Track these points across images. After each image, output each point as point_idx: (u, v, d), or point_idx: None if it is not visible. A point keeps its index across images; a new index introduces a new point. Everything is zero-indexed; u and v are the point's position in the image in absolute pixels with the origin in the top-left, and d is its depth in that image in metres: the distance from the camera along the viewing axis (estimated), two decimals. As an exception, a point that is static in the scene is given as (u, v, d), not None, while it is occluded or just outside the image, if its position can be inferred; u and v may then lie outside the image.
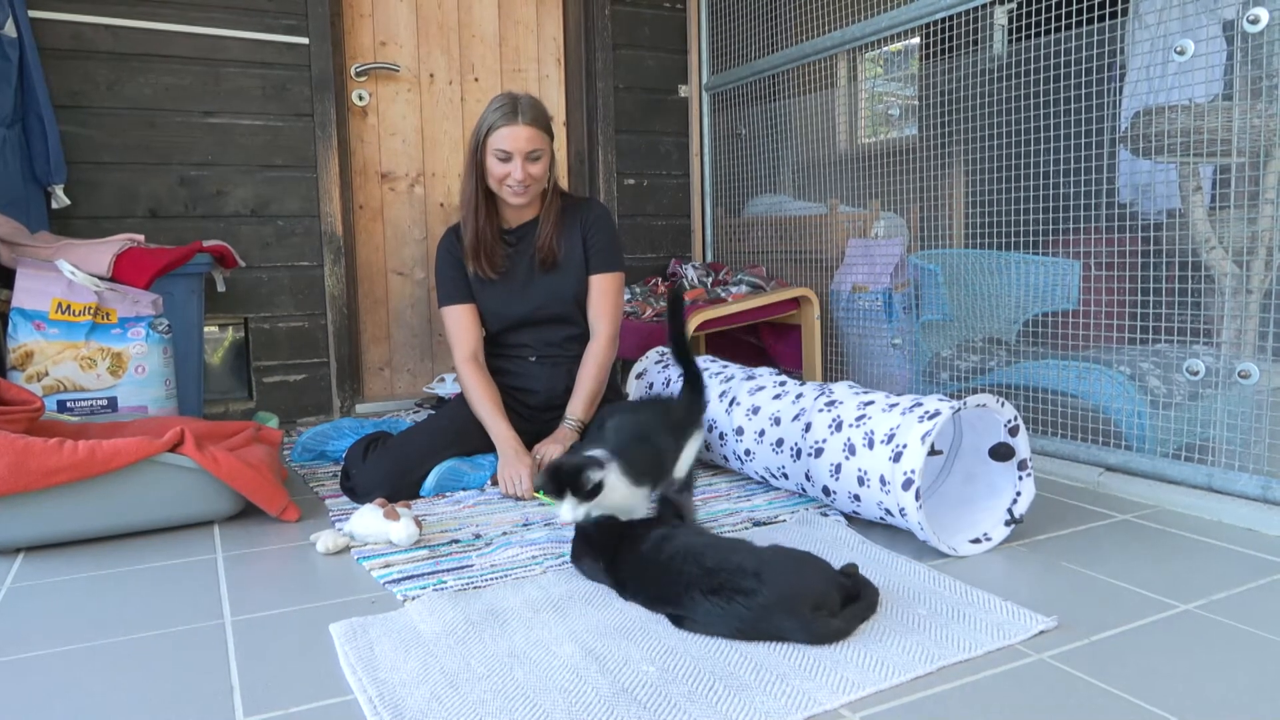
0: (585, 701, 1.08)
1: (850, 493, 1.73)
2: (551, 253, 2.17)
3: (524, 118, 2.03)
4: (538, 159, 2.07)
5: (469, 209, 2.14)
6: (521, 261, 2.20)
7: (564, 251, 2.19)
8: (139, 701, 1.12)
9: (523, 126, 2.03)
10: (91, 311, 2.18)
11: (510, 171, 2.05)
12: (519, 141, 2.03)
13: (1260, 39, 1.83)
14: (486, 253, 2.16)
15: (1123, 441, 2.10)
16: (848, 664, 1.17)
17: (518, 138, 2.02)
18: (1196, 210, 2.02)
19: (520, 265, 2.20)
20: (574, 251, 2.20)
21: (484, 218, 2.15)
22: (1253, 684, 1.12)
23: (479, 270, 2.17)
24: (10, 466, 1.60)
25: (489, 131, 2.05)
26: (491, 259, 2.17)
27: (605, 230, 2.22)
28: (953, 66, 2.51)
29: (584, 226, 2.20)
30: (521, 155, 2.04)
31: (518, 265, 2.20)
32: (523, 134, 2.03)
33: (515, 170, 2.04)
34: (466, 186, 2.14)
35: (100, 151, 2.73)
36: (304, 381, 3.05)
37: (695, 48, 3.60)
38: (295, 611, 1.39)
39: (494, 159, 2.06)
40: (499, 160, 2.05)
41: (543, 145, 2.07)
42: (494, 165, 2.06)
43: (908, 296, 2.72)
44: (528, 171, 2.05)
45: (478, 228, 2.15)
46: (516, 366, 2.25)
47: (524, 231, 2.21)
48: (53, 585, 1.53)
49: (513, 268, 2.20)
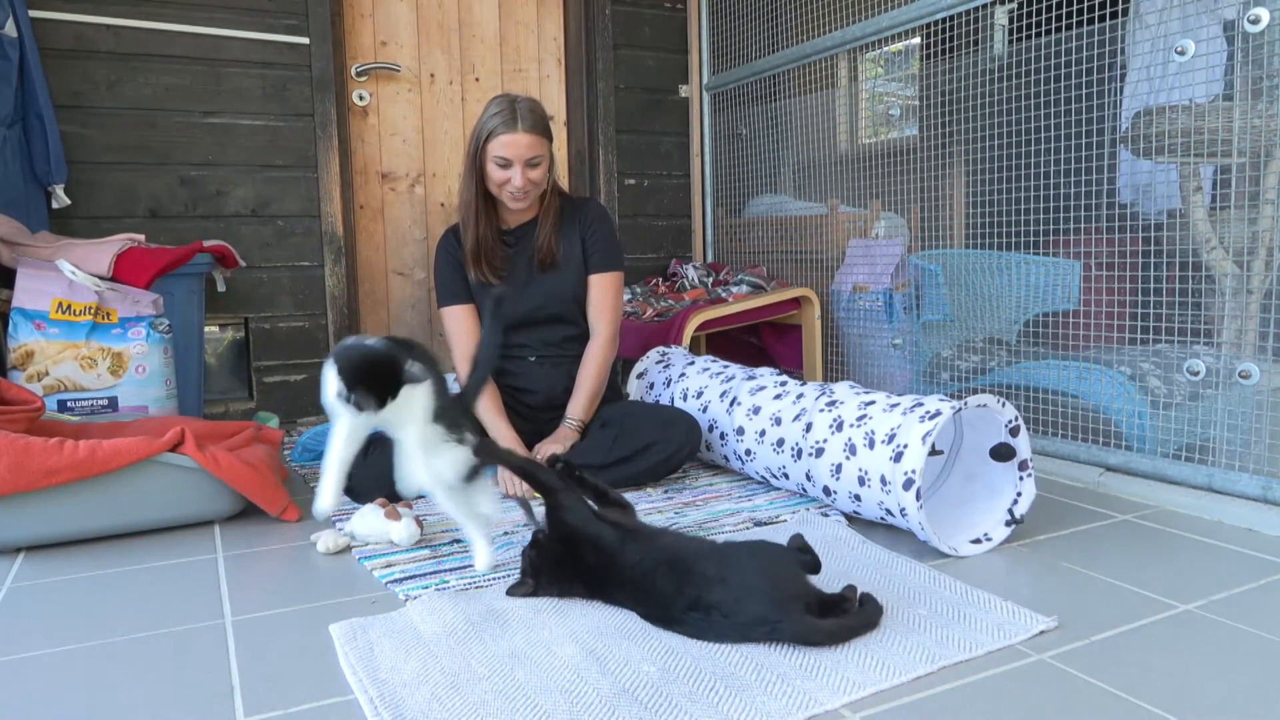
0: (586, 702, 1.08)
1: (851, 493, 1.73)
2: (550, 253, 2.17)
3: (523, 124, 2.01)
4: (537, 165, 2.06)
5: (468, 213, 2.13)
6: (520, 262, 2.20)
7: (563, 251, 2.19)
8: (139, 701, 1.12)
9: (523, 134, 2.01)
10: (92, 311, 2.18)
11: (510, 178, 2.04)
12: (519, 149, 2.01)
13: (1261, 39, 1.83)
14: (487, 257, 2.15)
15: (1123, 442, 2.10)
16: (849, 664, 1.17)
17: (518, 145, 2.01)
18: (1197, 210, 2.02)
19: (519, 265, 2.20)
20: (573, 251, 2.20)
21: (484, 222, 2.14)
22: (1253, 684, 1.12)
23: (480, 276, 2.16)
24: (11, 466, 1.60)
25: (488, 137, 2.03)
26: (492, 264, 2.16)
27: (604, 230, 2.21)
28: (953, 66, 2.51)
29: (583, 226, 2.20)
30: (521, 162, 2.02)
31: (516, 265, 2.19)
32: (523, 141, 2.01)
33: (515, 177, 2.03)
34: (465, 190, 2.12)
35: (100, 151, 2.73)
36: (304, 382, 3.05)
37: (696, 47, 3.60)
38: (295, 611, 1.39)
39: (493, 165, 2.05)
40: (498, 167, 2.04)
41: (542, 151, 2.05)
42: (494, 171, 2.05)
43: (908, 296, 2.72)
44: (528, 178, 2.04)
45: (478, 233, 2.14)
46: (516, 367, 2.25)
47: (523, 232, 2.20)
48: (53, 585, 1.53)
49: (512, 268, 2.19)
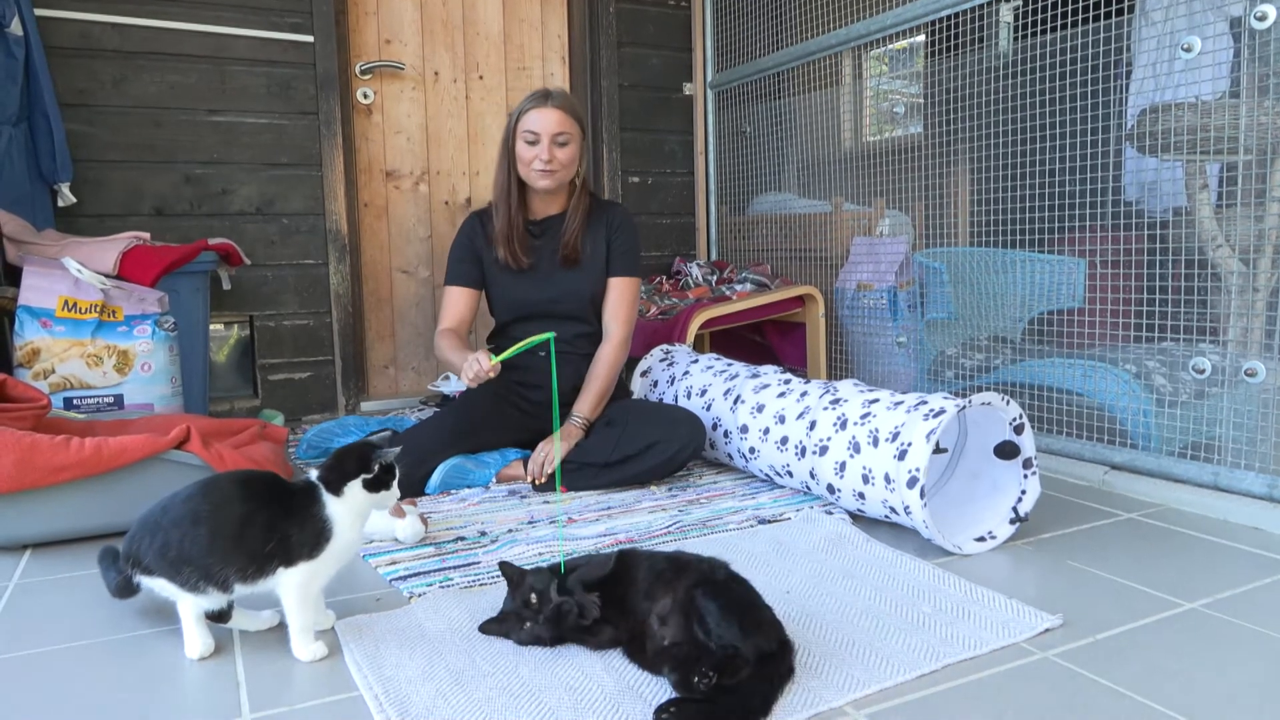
0: (590, 699, 1.08)
1: (855, 490, 1.73)
2: (575, 250, 2.20)
3: (554, 102, 2.08)
4: (565, 144, 2.10)
5: (501, 196, 2.18)
6: (544, 254, 2.22)
7: (588, 250, 2.22)
8: (146, 697, 1.12)
9: (551, 109, 2.07)
10: (98, 309, 2.18)
11: (537, 154, 2.08)
12: (547, 123, 2.06)
13: (1267, 36, 1.82)
14: (519, 240, 2.19)
15: (1128, 440, 2.10)
16: (854, 662, 1.17)
17: (546, 119, 2.06)
18: (1203, 208, 2.02)
19: (543, 258, 2.22)
20: (597, 251, 2.22)
21: (515, 206, 2.18)
22: (1259, 682, 1.12)
23: (508, 256, 2.19)
24: (17, 463, 1.61)
25: (520, 116, 2.10)
26: (522, 246, 2.19)
27: (629, 235, 2.25)
28: (958, 64, 2.50)
29: (610, 229, 2.23)
30: (549, 136, 2.07)
31: (540, 258, 2.22)
32: (552, 116, 2.06)
33: (541, 151, 2.07)
34: (499, 175, 2.18)
35: (106, 149, 2.74)
36: (309, 379, 3.05)
37: (700, 45, 3.60)
38: (301, 608, 1.39)
39: (523, 143, 2.10)
40: (527, 144, 2.09)
41: (571, 130, 2.10)
42: (523, 149, 2.10)
43: (912, 295, 2.71)
44: (554, 154, 2.08)
45: (510, 215, 2.17)
46: (525, 360, 2.25)
47: (549, 225, 2.23)
48: (59, 582, 1.53)
49: (536, 260, 2.22)
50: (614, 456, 2.04)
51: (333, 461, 1.23)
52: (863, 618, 1.31)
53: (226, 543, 1.16)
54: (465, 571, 1.53)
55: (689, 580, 1.17)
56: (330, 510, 1.20)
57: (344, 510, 1.21)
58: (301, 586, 1.19)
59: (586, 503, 1.96)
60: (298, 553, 1.18)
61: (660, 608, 1.17)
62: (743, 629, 1.09)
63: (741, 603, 1.14)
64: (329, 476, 1.21)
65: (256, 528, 1.17)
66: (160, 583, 1.20)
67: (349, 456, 1.23)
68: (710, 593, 1.13)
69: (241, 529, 1.17)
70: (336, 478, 1.21)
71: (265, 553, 1.17)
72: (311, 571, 1.20)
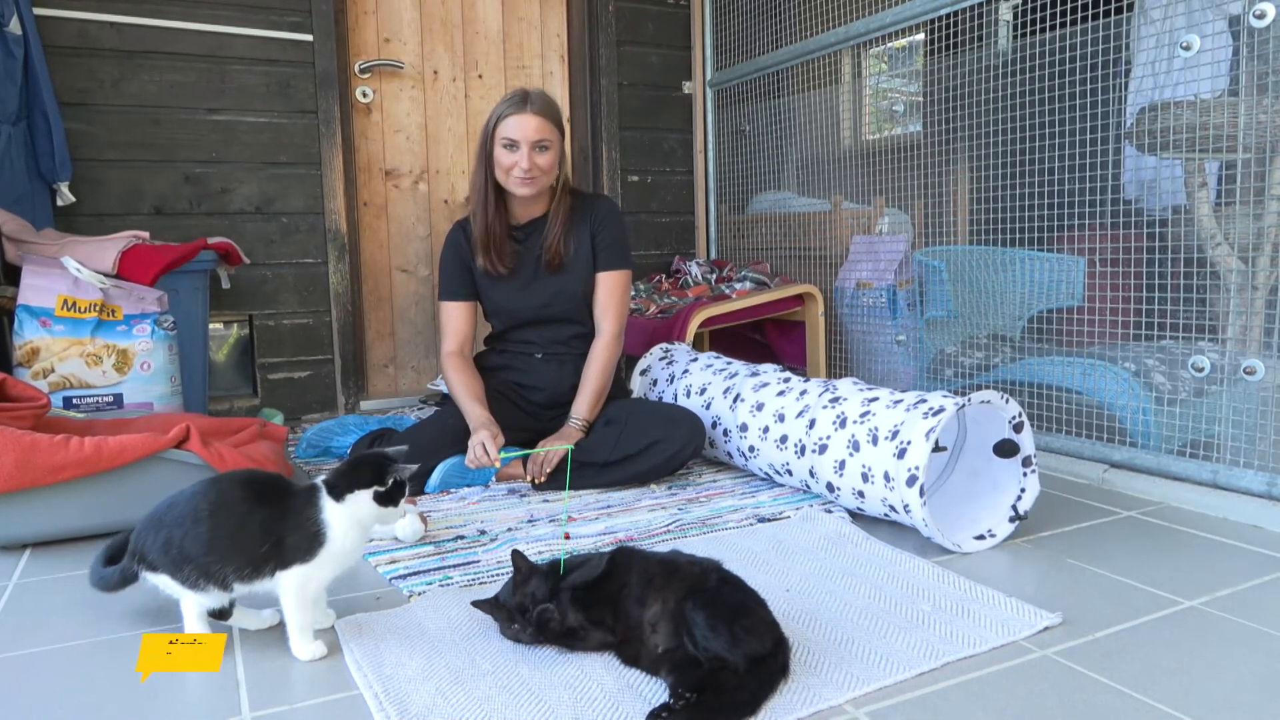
0: (590, 697, 1.08)
1: (854, 489, 1.73)
2: (558, 255, 2.15)
3: (533, 107, 2.03)
4: (545, 150, 2.06)
5: (478, 202, 2.13)
6: (528, 259, 2.19)
7: (572, 251, 2.18)
8: (145, 696, 1.12)
9: (531, 115, 2.02)
10: (97, 308, 2.18)
11: (516, 161, 2.04)
12: (526, 129, 2.02)
13: (1266, 34, 1.82)
14: (496, 247, 2.15)
15: (1127, 438, 2.10)
16: (854, 660, 1.17)
17: (525, 125, 2.02)
18: (1202, 206, 2.02)
19: (527, 263, 2.19)
20: (582, 249, 2.19)
21: (493, 212, 2.13)
22: (1258, 680, 1.12)
23: (489, 265, 2.15)
24: (17, 462, 1.61)
25: (498, 121, 2.05)
26: (501, 253, 2.16)
27: (614, 227, 2.20)
28: (957, 62, 2.50)
29: (593, 223, 2.19)
30: (528, 144, 2.03)
31: (524, 263, 2.19)
32: (530, 122, 2.02)
33: (521, 159, 2.03)
34: (476, 179, 2.13)
35: (105, 148, 2.74)
36: (309, 378, 3.05)
37: (699, 44, 3.60)
38: (301, 607, 1.39)
39: (501, 148, 2.05)
40: (505, 149, 2.05)
41: (550, 136, 2.05)
42: (501, 155, 2.06)
43: (912, 293, 2.71)
44: (534, 161, 2.04)
45: (487, 222, 2.13)
46: (522, 363, 2.25)
47: (532, 229, 2.20)
48: (59, 581, 1.53)
49: (520, 265, 2.19)
50: (614, 456, 2.04)
51: (346, 468, 1.23)
52: (862, 616, 1.31)
53: (225, 542, 1.17)
54: (465, 570, 1.53)
55: (678, 591, 1.15)
56: (327, 515, 1.20)
57: (342, 516, 1.20)
58: (298, 588, 1.19)
59: (586, 501, 1.97)
60: (293, 555, 1.18)
61: (651, 615, 1.16)
62: (732, 638, 1.08)
63: (732, 610, 1.12)
64: (336, 481, 1.21)
65: (254, 528, 1.17)
66: (163, 579, 1.20)
67: (364, 466, 1.22)
68: (699, 603, 1.12)
69: (240, 529, 1.17)
70: (344, 484, 1.20)
71: (261, 554, 1.17)
72: (307, 574, 1.19)
